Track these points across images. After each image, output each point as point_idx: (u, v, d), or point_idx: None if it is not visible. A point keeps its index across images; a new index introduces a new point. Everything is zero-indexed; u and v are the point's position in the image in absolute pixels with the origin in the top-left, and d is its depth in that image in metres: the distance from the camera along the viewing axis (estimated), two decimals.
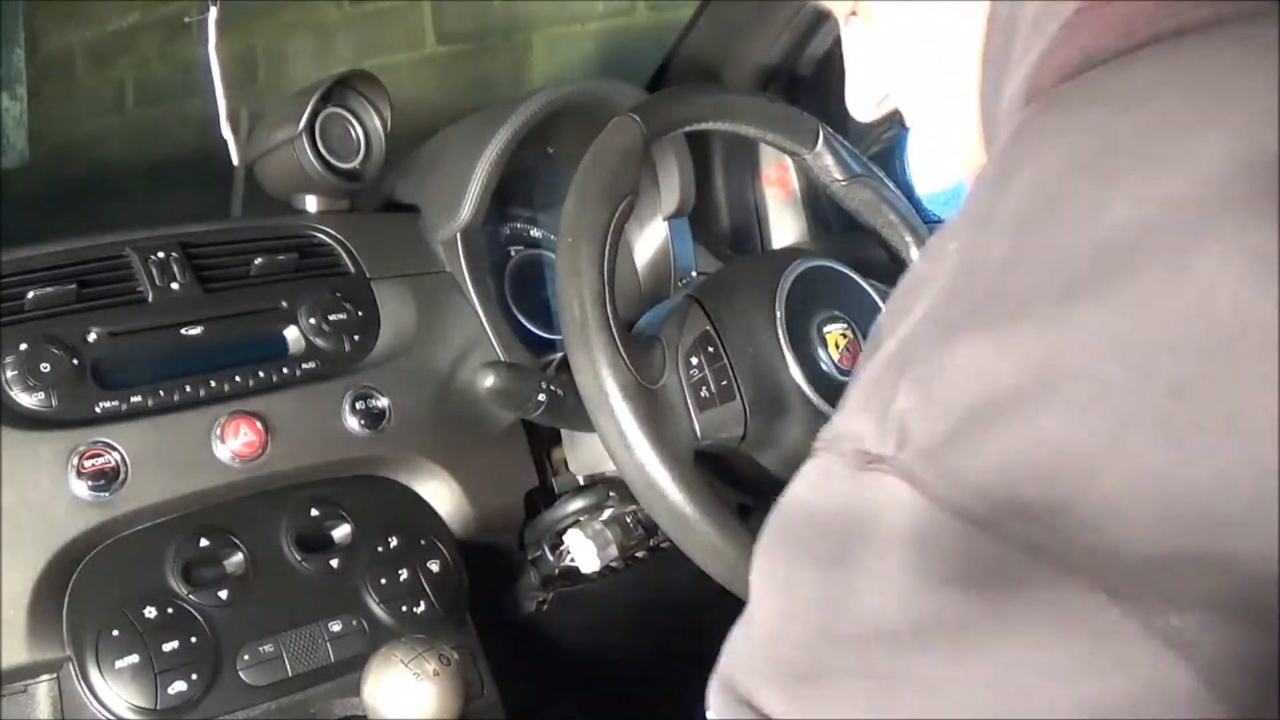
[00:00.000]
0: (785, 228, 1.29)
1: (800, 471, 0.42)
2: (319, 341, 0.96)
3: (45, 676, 0.82)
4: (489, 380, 0.83)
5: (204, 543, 0.87)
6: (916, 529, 0.36)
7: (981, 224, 0.40)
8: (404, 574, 0.92)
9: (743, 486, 0.89)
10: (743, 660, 0.42)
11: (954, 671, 0.35)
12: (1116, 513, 0.33)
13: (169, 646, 0.82)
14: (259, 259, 0.96)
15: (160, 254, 0.93)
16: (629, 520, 0.98)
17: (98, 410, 0.86)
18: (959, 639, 0.35)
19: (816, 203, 1.29)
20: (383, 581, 0.91)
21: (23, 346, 0.84)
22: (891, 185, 1.03)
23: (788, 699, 0.39)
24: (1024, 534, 0.34)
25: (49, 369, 0.85)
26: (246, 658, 0.85)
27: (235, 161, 1.16)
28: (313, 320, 0.96)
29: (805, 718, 0.38)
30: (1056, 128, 0.40)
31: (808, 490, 0.41)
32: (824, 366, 0.89)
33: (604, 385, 0.76)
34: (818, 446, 0.41)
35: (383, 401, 0.96)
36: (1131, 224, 0.35)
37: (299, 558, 0.90)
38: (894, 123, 1.02)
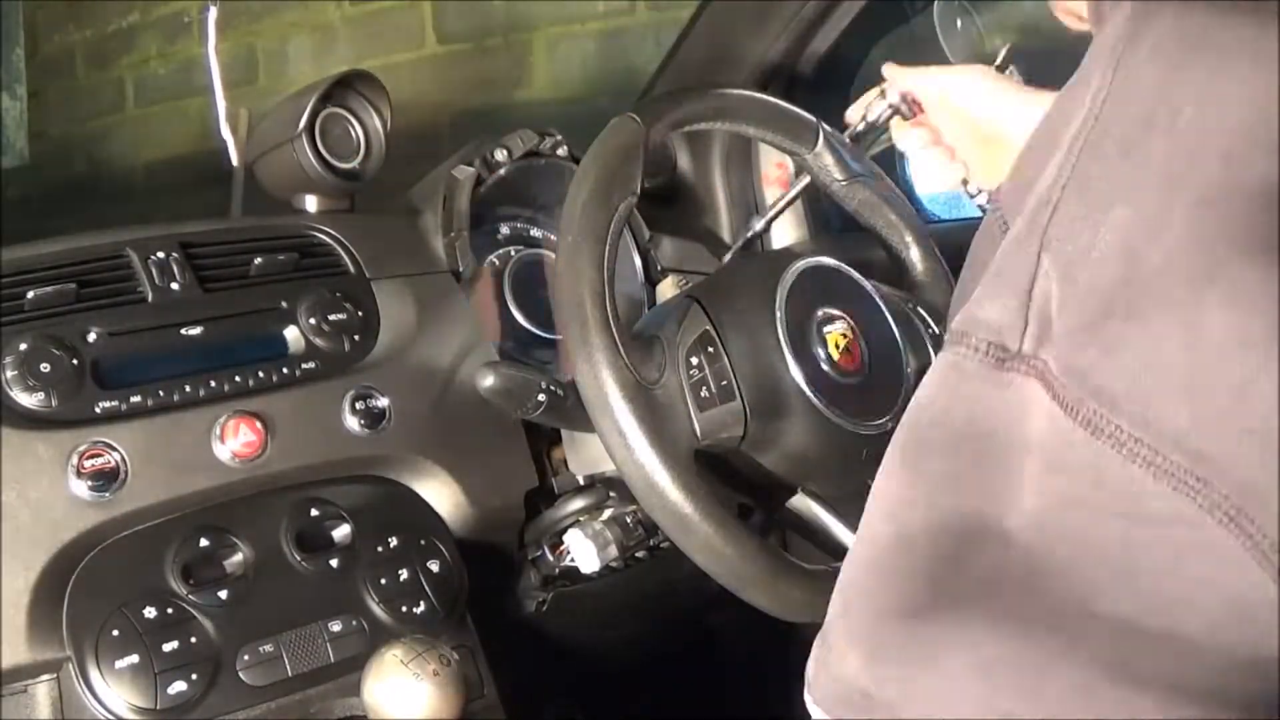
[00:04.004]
0: (785, 228, 1.29)
1: (930, 371, 0.38)
2: (319, 341, 0.96)
3: (45, 676, 0.82)
4: (489, 380, 0.83)
5: (204, 543, 0.87)
6: (1051, 441, 0.32)
7: (1119, 64, 0.35)
8: (404, 574, 0.92)
9: (743, 486, 0.89)
10: (845, 601, 0.37)
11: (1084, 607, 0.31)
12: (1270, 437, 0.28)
13: (169, 646, 0.82)
14: (259, 259, 0.96)
15: (160, 254, 0.93)
16: (629, 520, 0.98)
17: (97, 410, 0.86)
18: (1093, 572, 0.31)
19: (816, 203, 1.29)
20: (383, 581, 0.91)
21: (23, 346, 0.84)
22: (892, 185, 1.03)
23: (870, 657, 0.35)
24: (1159, 458, 0.30)
25: (49, 369, 0.85)
26: (246, 658, 0.85)
27: (235, 161, 1.16)
28: (313, 320, 0.96)
29: (899, 673, 0.34)
30: None
31: (938, 393, 0.36)
32: (824, 366, 0.88)
33: (604, 385, 0.76)
34: (948, 340, 0.37)
35: (383, 401, 0.96)
36: None
37: (299, 558, 0.90)
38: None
